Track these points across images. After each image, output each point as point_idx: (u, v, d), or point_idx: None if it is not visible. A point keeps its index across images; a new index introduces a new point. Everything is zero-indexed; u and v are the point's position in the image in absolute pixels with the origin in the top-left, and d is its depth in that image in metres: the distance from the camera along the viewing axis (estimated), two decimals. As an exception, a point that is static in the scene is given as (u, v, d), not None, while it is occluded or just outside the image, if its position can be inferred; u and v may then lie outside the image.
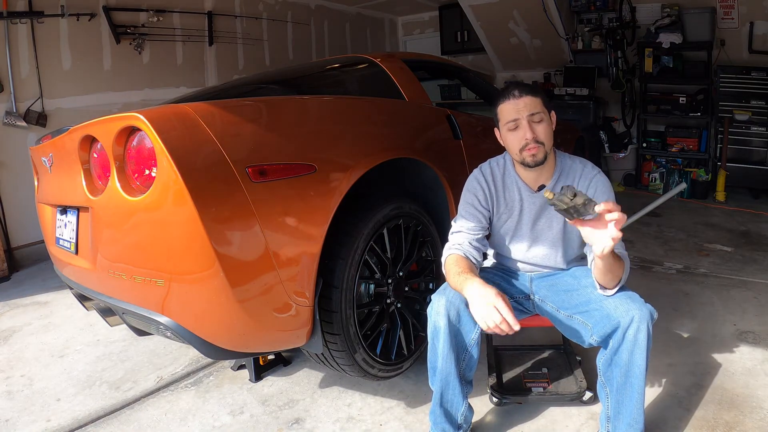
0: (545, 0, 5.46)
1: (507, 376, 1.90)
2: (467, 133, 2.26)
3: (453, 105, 3.88)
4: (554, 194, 1.20)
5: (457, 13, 6.46)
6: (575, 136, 3.95)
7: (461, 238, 1.58)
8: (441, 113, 2.26)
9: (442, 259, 1.57)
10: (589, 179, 1.56)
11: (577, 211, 1.18)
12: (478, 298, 1.29)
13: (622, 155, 5.86)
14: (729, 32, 5.14)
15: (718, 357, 2.02)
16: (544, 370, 1.93)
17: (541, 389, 1.79)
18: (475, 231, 1.59)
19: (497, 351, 2.02)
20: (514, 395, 1.77)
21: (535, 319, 1.69)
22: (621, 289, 1.43)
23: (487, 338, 2.03)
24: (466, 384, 1.53)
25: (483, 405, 1.76)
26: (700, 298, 2.62)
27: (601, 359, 1.44)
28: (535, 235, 1.62)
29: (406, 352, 1.92)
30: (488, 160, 1.69)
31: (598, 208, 1.16)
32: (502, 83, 6.78)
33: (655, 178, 5.58)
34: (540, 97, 1.52)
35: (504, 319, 1.24)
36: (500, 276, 1.70)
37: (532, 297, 1.66)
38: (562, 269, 1.66)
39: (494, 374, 1.86)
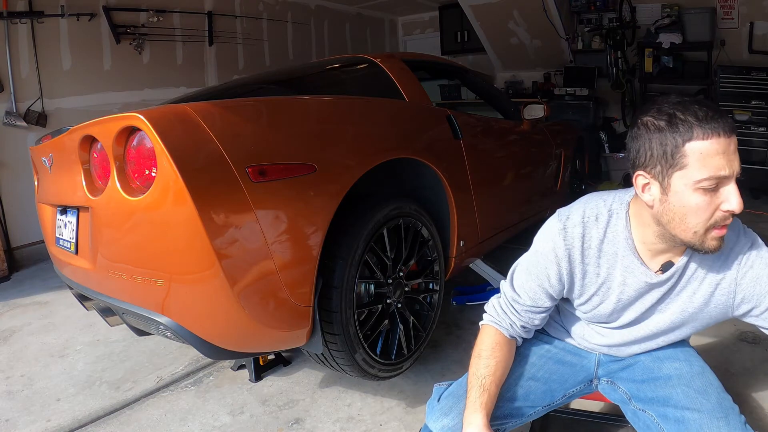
0: (545, 0, 5.46)
1: None
2: (467, 133, 2.26)
3: (453, 105, 3.88)
4: None
5: (457, 13, 6.46)
6: (575, 136, 3.95)
7: (516, 319, 1.17)
8: (441, 113, 2.26)
9: (481, 323, 1.21)
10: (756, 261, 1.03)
11: None
12: None
13: (622, 155, 5.86)
14: (729, 32, 5.14)
15: (718, 357, 2.02)
16: None
17: None
18: (534, 313, 1.17)
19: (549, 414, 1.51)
20: None
21: (596, 394, 1.33)
22: (716, 391, 1.08)
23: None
24: None
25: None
26: (700, 298, 2.62)
27: None
28: (635, 325, 1.16)
29: (406, 352, 1.92)
30: (581, 209, 1.10)
31: None
32: (502, 83, 6.77)
33: (655, 178, 5.58)
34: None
35: None
36: (557, 356, 1.26)
37: (595, 382, 1.27)
38: (653, 350, 1.21)
39: None
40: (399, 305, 1.90)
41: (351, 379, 1.95)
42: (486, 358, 1.12)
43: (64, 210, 1.86)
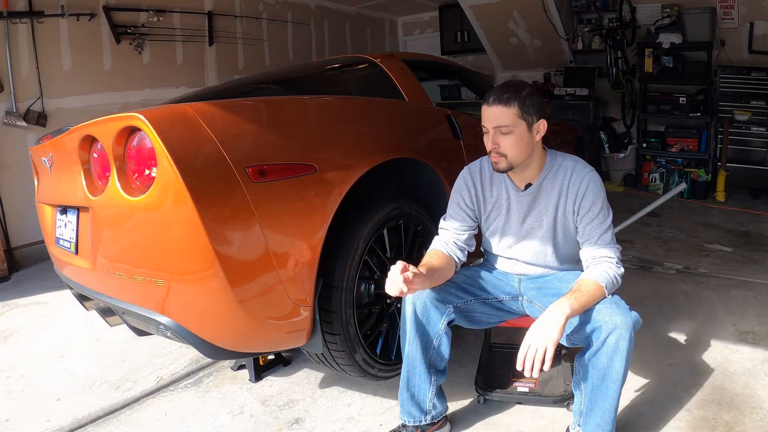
0: (545, 0, 5.46)
1: (496, 373, 1.87)
2: (467, 133, 2.26)
3: (453, 105, 3.88)
4: None
5: (457, 13, 6.45)
6: (575, 137, 3.95)
7: (448, 236, 1.65)
8: (441, 113, 2.27)
9: (430, 249, 1.65)
10: (581, 177, 1.52)
11: None
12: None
13: (622, 155, 5.86)
14: (729, 32, 5.14)
15: (719, 357, 2.02)
16: None
17: (527, 389, 1.77)
18: (460, 231, 1.65)
19: (492, 349, 2.01)
20: (496, 393, 1.76)
21: (524, 320, 1.68)
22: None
23: (483, 335, 2.02)
24: (437, 373, 1.57)
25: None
26: (700, 298, 2.62)
27: (580, 357, 1.45)
28: (524, 233, 1.62)
29: (406, 352, 1.91)
30: (480, 158, 1.69)
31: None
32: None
33: (655, 179, 5.58)
34: (514, 107, 1.45)
35: (395, 278, 1.32)
36: (490, 275, 1.71)
37: (520, 298, 1.68)
38: (555, 267, 1.65)
39: (483, 371, 1.85)
40: (399, 305, 1.90)
41: (351, 379, 1.95)
42: (425, 261, 1.55)
43: (64, 210, 1.86)
